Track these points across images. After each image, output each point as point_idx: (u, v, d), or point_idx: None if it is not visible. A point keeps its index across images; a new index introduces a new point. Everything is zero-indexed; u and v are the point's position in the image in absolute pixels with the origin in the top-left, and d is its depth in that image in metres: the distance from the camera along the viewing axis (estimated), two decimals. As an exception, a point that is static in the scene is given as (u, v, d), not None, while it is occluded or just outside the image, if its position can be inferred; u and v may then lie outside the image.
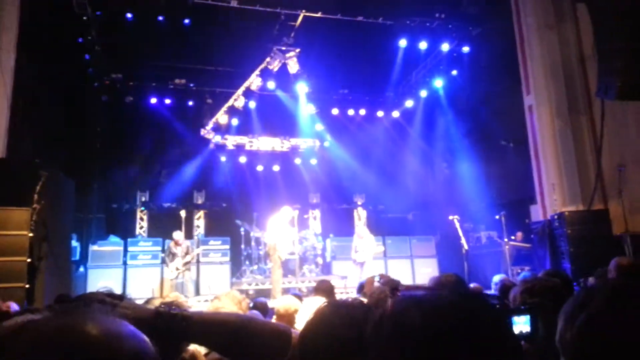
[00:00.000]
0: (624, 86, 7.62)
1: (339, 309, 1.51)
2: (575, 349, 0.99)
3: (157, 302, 3.59)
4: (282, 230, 10.08)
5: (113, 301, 1.13)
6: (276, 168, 16.31)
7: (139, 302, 1.58)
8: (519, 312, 2.11)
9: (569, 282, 3.23)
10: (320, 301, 3.12)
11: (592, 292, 1.05)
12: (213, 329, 1.22)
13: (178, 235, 10.66)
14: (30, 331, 0.68)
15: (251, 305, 5.48)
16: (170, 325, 1.15)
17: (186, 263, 10.53)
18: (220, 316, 1.32)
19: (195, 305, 9.60)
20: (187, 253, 10.54)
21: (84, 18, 11.79)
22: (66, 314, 0.75)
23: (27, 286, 7.29)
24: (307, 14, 12.48)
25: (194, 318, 1.19)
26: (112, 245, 12.03)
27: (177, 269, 10.39)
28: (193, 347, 2.22)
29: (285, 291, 9.78)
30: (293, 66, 14.24)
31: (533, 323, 2.06)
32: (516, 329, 2.06)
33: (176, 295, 3.85)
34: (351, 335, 1.42)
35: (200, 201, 15.12)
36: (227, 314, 1.40)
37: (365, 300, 3.70)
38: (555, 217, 9.45)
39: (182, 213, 11.32)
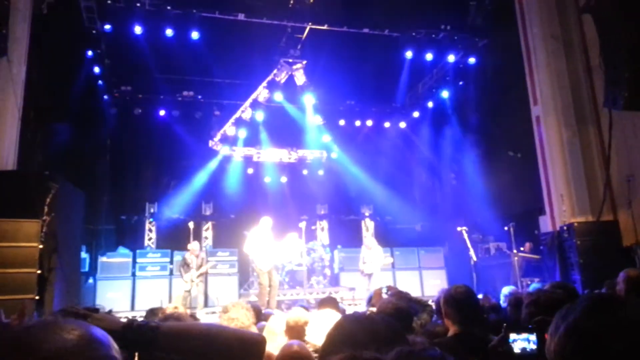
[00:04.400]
0: (631, 96, 7.58)
1: (362, 323, 1.49)
2: (558, 358, 1.00)
3: (169, 311, 3.61)
4: (260, 241, 9.65)
5: (86, 313, 1.20)
6: (284, 179, 16.34)
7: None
8: (525, 330, 2.11)
9: (575, 294, 3.21)
10: (330, 314, 3.11)
11: (575, 305, 1.07)
12: (181, 339, 1.25)
13: (194, 245, 10.63)
14: None
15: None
16: (138, 336, 1.19)
17: (200, 275, 10.50)
18: (190, 326, 1.35)
19: (204, 317, 9.59)
20: (201, 265, 10.52)
21: (94, 32, 11.99)
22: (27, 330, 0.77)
23: (37, 298, 7.33)
24: (314, 26, 12.59)
25: (162, 329, 1.23)
26: (121, 256, 12.05)
27: (192, 280, 10.37)
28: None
29: (293, 303, 9.73)
30: (300, 78, 14.34)
31: (539, 341, 2.05)
32: (522, 347, 2.06)
33: (175, 306, 3.88)
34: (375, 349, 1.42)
35: (208, 212, 15.15)
36: (196, 324, 1.44)
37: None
38: (565, 228, 9.39)
39: (191, 224, 11.31)
